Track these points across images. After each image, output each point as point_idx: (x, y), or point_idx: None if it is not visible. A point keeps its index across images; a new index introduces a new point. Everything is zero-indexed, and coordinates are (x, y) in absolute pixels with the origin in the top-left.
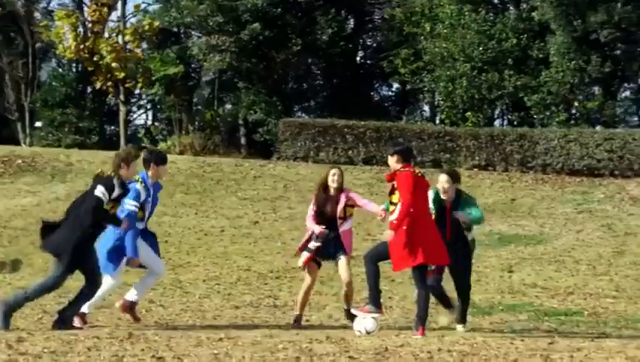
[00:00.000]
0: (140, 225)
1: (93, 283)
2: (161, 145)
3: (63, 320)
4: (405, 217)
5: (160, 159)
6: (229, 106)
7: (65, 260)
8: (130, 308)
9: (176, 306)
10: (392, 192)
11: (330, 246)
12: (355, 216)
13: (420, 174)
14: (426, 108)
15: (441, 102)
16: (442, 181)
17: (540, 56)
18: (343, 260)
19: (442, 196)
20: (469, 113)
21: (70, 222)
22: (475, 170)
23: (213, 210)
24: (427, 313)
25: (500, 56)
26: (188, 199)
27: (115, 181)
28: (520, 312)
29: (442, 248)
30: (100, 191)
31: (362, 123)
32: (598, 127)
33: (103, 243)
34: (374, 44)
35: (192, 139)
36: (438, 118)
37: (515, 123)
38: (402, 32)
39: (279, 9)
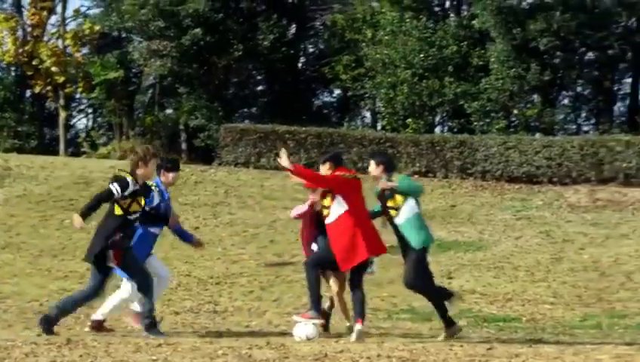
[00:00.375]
0: (156, 230)
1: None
2: (101, 150)
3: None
4: (309, 173)
5: (170, 166)
6: (169, 111)
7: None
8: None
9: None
10: (324, 196)
11: None
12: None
13: (351, 176)
14: (367, 114)
15: (382, 109)
16: (370, 166)
17: (480, 63)
18: None
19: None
20: (409, 120)
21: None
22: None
23: None
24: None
25: (440, 63)
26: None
27: (130, 180)
28: (459, 318)
29: (378, 237)
30: (113, 185)
31: (303, 129)
32: (537, 135)
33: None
34: (316, 51)
35: (133, 144)
36: (379, 124)
37: (455, 130)
38: (344, 39)
39: (220, 14)
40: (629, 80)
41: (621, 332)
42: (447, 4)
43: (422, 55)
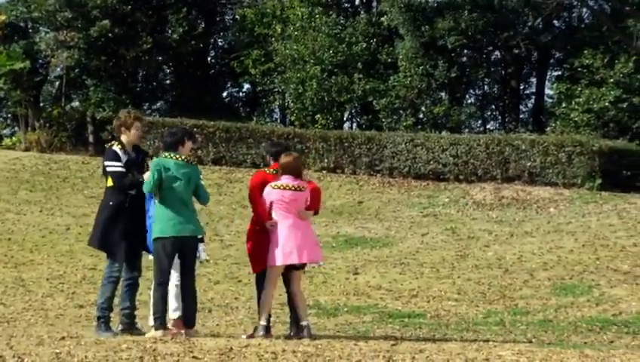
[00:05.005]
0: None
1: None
2: (6, 142)
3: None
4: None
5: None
6: (76, 103)
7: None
8: None
9: (18, 304)
10: None
11: None
12: (206, 217)
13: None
14: (277, 109)
15: (291, 104)
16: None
17: (389, 60)
18: None
19: None
20: (318, 115)
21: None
22: (324, 172)
23: (58, 208)
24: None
25: (349, 60)
26: (33, 196)
27: (117, 148)
28: (364, 314)
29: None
30: (109, 165)
31: (212, 123)
32: (444, 132)
33: None
34: (225, 45)
35: (39, 135)
36: (288, 119)
37: (364, 126)
38: (253, 33)
39: (129, 6)
40: (535, 80)
41: (523, 328)
42: (357, 1)
43: (331, 51)
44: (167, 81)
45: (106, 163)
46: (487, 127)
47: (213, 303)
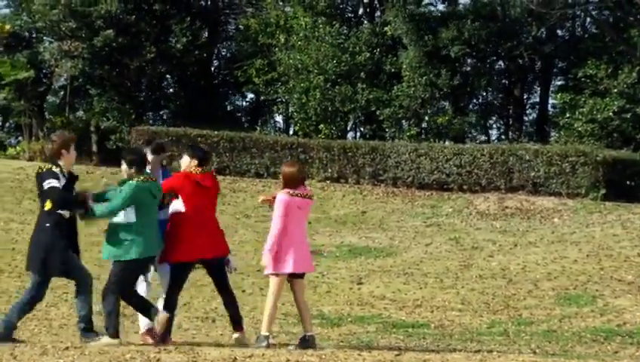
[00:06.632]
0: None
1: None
2: (10, 151)
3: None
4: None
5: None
6: (80, 113)
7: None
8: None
9: None
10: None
11: None
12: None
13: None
14: (280, 119)
15: (295, 114)
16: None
17: (393, 70)
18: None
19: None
20: (322, 125)
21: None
22: (328, 182)
23: None
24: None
25: (353, 70)
26: (37, 206)
27: (56, 170)
28: (368, 324)
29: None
30: (48, 183)
31: (216, 133)
32: (447, 142)
33: None
34: (229, 54)
35: (43, 145)
36: (291, 129)
37: (368, 136)
38: (257, 43)
39: (133, 16)
40: (538, 89)
41: (527, 339)
42: (361, 11)
43: (335, 61)
44: (171, 91)
45: (45, 182)
46: (491, 136)
47: (216, 313)
